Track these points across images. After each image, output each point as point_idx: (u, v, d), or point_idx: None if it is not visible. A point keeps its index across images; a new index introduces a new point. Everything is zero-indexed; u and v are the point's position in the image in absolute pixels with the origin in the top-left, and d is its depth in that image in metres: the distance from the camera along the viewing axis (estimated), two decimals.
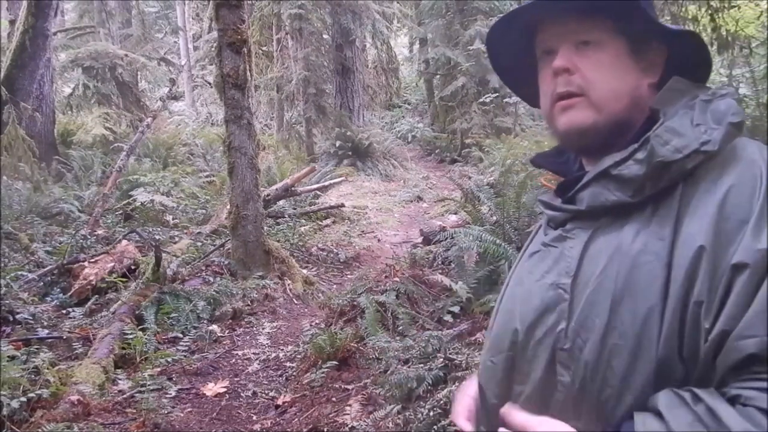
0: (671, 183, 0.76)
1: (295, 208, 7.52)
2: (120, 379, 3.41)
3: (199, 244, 5.77)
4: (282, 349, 4.00)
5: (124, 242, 5.37)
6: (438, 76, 13.71)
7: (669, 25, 0.86)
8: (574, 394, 0.76)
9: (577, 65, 0.84)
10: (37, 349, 3.45)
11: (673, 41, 0.85)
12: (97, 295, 4.57)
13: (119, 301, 4.27)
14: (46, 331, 3.96)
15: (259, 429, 3.05)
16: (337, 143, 11.01)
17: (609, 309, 0.74)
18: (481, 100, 11.48)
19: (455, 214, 7.17)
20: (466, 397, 1.01)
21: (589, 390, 0.74)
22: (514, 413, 0.79)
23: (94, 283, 4.63)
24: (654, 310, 0.72)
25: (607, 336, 0.74)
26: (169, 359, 3.66)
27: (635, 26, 0.84)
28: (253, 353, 3.98)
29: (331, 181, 8.44)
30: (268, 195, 6.63)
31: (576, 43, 0.84)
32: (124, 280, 4.67)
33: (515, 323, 0.85)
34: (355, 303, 3.85)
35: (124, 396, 3.25)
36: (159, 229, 6.29)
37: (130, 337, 3.70)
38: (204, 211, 7.24)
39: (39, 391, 2.93)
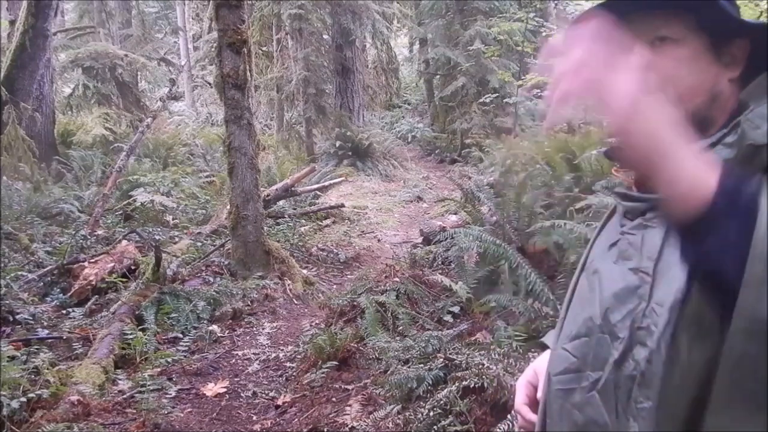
0: (759, 170, 0.74)
1: (295, 209, 7.52)
2: (120, 380, 3.41)
3: (199, 244, 5.77)
4: (282, 350, 4.00)
5: (124, 242, 5.37)
6: (438, 76, 13.70)
7: (749, 20, 0.86)
8: (643, 369, 0.75)
9: (651, 63, 0.81)
10: (37, 349, 3.45)
11: (755, 35, 0.84)
12: (97, 296, 4.57)
13: (119, 302, 4.27)
14: (46, 331, 3.96)
15: (259, 429, 3.05)
16: (337, 143, 11.01)
17: (685, 285, 0.74)
18: (481, 100, 11.46)
19: (455, 214, 7.17)
20: (528, 385, 1.02)
21: (656, 365, 0.74)
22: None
23: (94, 283, 4.63)
24: None
25: (677, 310, 0.73)
26: (169, 359, 3.67)
27: (716, 23, 0.83)
28: (253, 353, 3.98)
29: (331, 182, 8.43)
30: (268, 195, 6.63)
31: (652, 40, 0.83)
32: (124, 280, 4.67)
33: (593, 309, 0.84)
34: (355, 303, 3.85)
35: (124, 396, 3.25)
36: (159, 229, 6.28)
37: (130, 337, 3.70)
38: (204, 211, 7.24)
39: (39, 392, 2.94)
